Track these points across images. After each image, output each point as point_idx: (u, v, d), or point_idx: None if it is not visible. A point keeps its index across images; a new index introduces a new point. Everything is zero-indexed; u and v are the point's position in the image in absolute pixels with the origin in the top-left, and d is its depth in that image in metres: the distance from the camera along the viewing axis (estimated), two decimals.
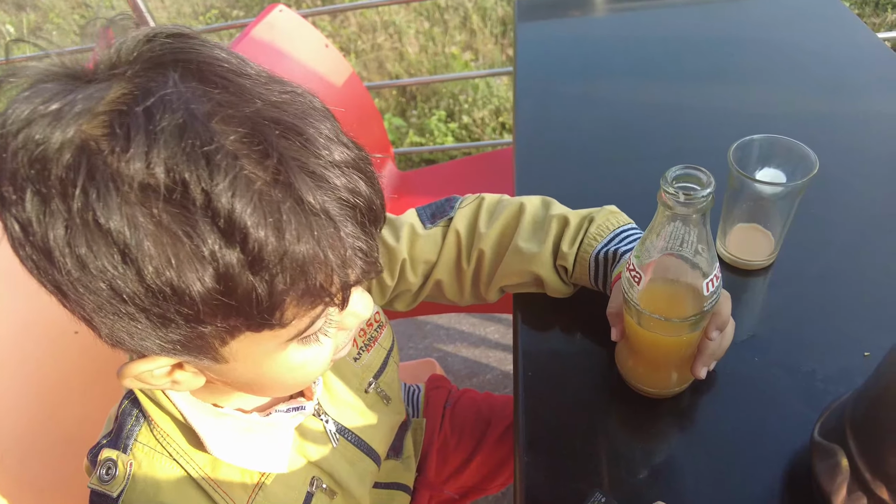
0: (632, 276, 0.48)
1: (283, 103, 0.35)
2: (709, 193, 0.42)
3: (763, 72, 0.98)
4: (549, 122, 0.95)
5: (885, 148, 0.82)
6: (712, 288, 0.46)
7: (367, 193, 0.37)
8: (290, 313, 0.36)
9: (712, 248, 0.46)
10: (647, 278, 0.47)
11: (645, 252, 0.47)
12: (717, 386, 0.58)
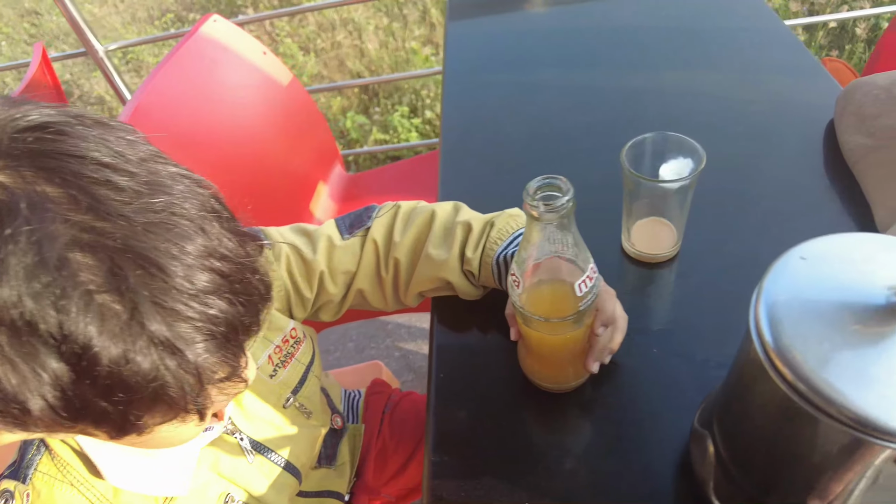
0: (513, 281, 0.50)
1: (151, 226, 0.34)
2: (567, 200, 0.44)
3: (680, 63, 1.01)
4: (476, 121, 0.97)
5: (792, 134, 0.84)
6: (585, 288, 0.49)
7: (229, 315, 0.37)
8: (147, 422, 0.37)
9: (583, 250, 0.48)
10: (525, 282, 0.49)
11: (521, 258, 0.49)
12: (617, 377, 0.61)
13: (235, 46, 1.27)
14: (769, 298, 0.35)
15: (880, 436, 0.30)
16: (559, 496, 0.53)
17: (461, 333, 0.69)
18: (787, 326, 0.34)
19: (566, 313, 0.49)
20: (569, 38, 1.12)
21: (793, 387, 0.33)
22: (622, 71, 1.02)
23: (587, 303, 0.49)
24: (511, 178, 0.86)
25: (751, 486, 0.43)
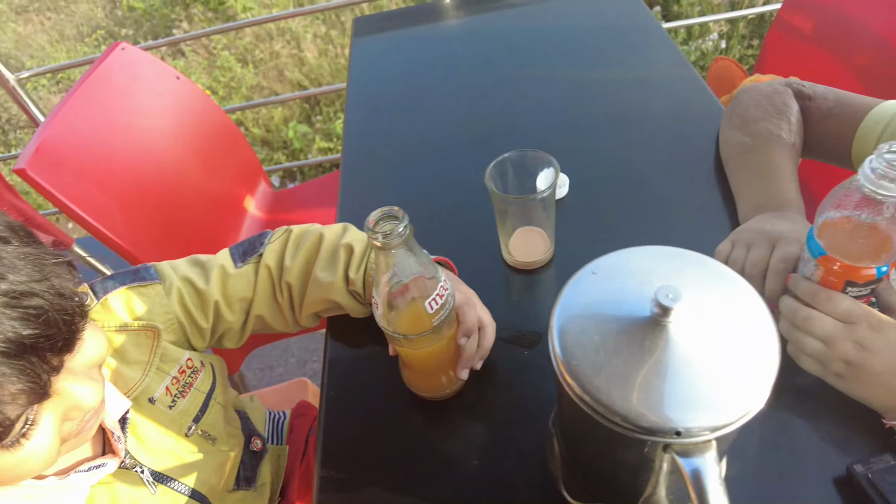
0: (373, 304, 0.54)
1: None
2: (403, 228, 0.47)
3: (566, 72, 1.06)
4: (375, 139, 1.00)
5: (663, 142, 0.90)
6: (436, 305, 0.52)
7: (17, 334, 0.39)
8: None
9: (430, 269, 0.52)
10: (381, 305, 0.53)
11: (375, 283, 0.52)
12: (494, 380, 0.65)
13: (146, 73, 1.27)
14: (562, 312, 0.40)
15: (643, 432, 0.35)
16: (440, 500, 0.57)
17: (352, 350, 0.72)
18: (571, 337, 0.38)
19: (422, 330, 0.53)
20: (465, 55, 1.16)
21: (575, 392, 0.37)
22: (512, 85, 1.06)
23: (441, 318, 0.53)
24: (407, 193, 0.90)
25: (585, 480, 0.47)
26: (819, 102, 0.75)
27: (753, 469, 0.55)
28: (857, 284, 0.54)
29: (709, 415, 0.34)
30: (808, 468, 0.55)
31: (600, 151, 0.89)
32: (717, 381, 0.35)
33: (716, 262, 0.41)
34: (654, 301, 0.35)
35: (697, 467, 0.34)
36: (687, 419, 0.34)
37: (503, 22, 1.23)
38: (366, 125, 1.03)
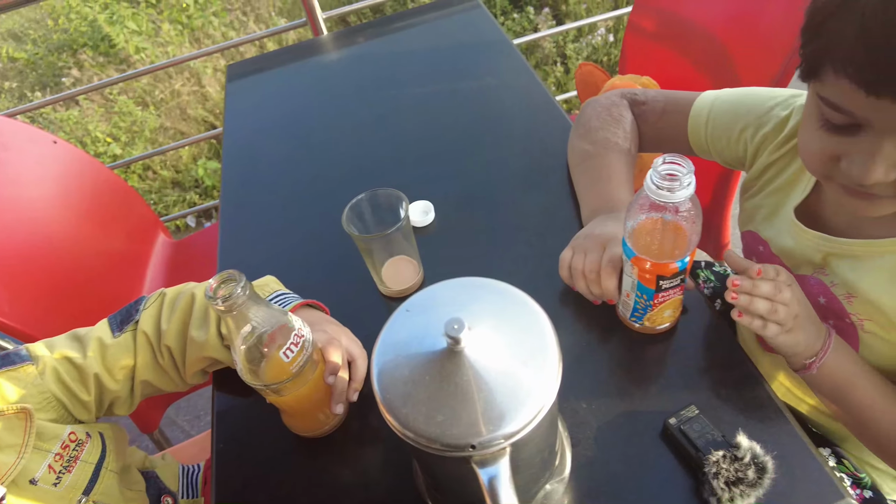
0: (234, 360, 0.57)
1: None
2: (242, 289, 0.51)
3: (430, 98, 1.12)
4: (253, 185, 1.03)
5: (517, 158, 0.97)
6: (292, 354, 0.57)
7: None
8: None
9: (281, 321, 0.56)
10: (241, 362, 0.57)
11: (231, 344, 0.56)
12: (374, 407, 0.69)
13: (17, 143, 1.24)
14: (380, 350, 0.45)
15: (447, 449, 0.40)
16: None
17: (239, 399, 0.75)
18: (387, 373, 0.43)
19: (283, 378, 0.57)
20: (338, 90, 1.20)
21: (390, 422, 0.42)
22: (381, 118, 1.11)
23: (300, 363, 0.57)
24: (285, 237, 0.93)
25: (438, 492, 0.52)
26: (652, 105, 0.84)
27: (595, 435, 0.63)
28: (667, 278, 0.62)
29: (499, 426, 0.40)
30: (637, 428, 0.63)
31: (462, 173, 0.96)
32: (508, 394, 0.41)
33: (508, 287, 0.47)
34: (444, 332, 0.41)
35: (493, 475, 0.39)
36: (480, 433, 0.39)
37: (375, 58, 1.28)
38: (243, 173, 1.05)
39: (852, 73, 0.47)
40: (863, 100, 0.47)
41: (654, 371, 0.69)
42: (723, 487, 0.55)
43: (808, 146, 0.57)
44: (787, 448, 0.59)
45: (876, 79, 0.46)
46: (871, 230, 0.61)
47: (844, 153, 0.52)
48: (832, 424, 0.79)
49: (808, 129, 0.56)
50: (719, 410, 0.63)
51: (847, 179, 0.53)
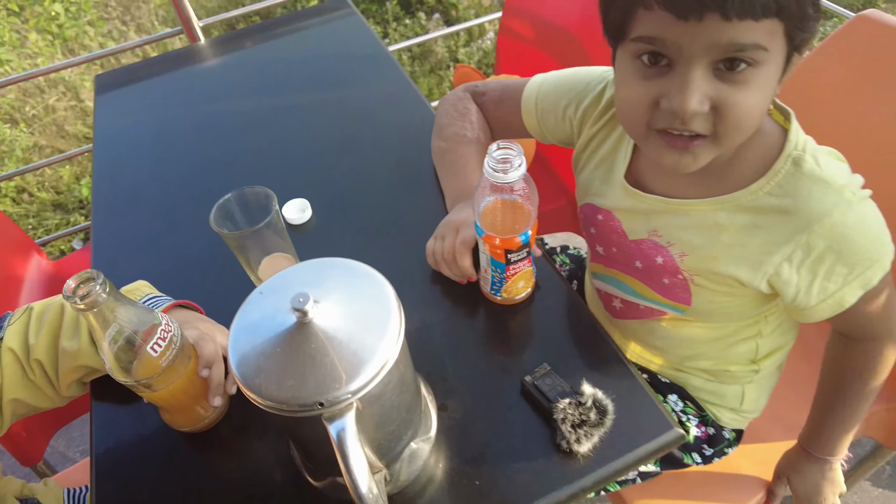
0: (103, 359, 0.58)
1: None
2: (100, 286, 0.53)
3: (308, 103, 1.15)
4: (126, 196, 1.01)
5: (392, 161, 1.02)
6: (160, 349, 0.58)
7: None
8: None
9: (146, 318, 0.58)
10: (109, 360, 0.58)
11: (98, 344, 0.57)
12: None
13: None
14: (236, 327, 0.48)
15: (299, 410, 0.44)
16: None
17: (119, 406, 0.74)
18: (241, 346, 0.46)
19: (154, 372, 0.59)
20: (212, 97, 1.20)
21: (248, 394, 0.45)
22: (260, 122, 1.13)
23: (170, 357, 0.59)
24: (160, 246, 0.93)
25: (308, 460, 0.56)
26: (490, 95, 0.92)
27: (461, 398, 0.69)
28: (514, 251, 0.70)
29: (345, 384, 0.44)
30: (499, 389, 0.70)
31: (339, 172, 1.00)
32: (352, 356, 0.46)
33: (357, 264, 0.52)
34: (291, 307, 0.45)
35: (340, 428, 0.44)
36: (327, 391, 0.44)
37: (251, 63, 1.29)
38: (115, 185, 1.03)
39: (663, 1, 0.52)
40: (674, 25, 0.52)
41: (514, 338, 0.76)
42: (570, 430, 0.62)
43: (628, 100, 0.61)
44: (627, 392, 0.68)
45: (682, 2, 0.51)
46: (689, 191, 0.69)
47: (662, 93, 0.56)
48: (679, 377, 0.89)
49: (625, 86, 0.61)
50: (569, 367, 0.71)
51: (667, 120, 0.57)
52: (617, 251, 0.79)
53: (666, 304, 0.78)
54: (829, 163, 0.64)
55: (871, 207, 0.64)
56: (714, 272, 0.70)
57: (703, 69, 0.54)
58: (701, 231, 0.69)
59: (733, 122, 0.56)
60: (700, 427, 0.90)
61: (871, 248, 0.63)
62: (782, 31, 0.54)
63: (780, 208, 0.63)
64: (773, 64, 0.55)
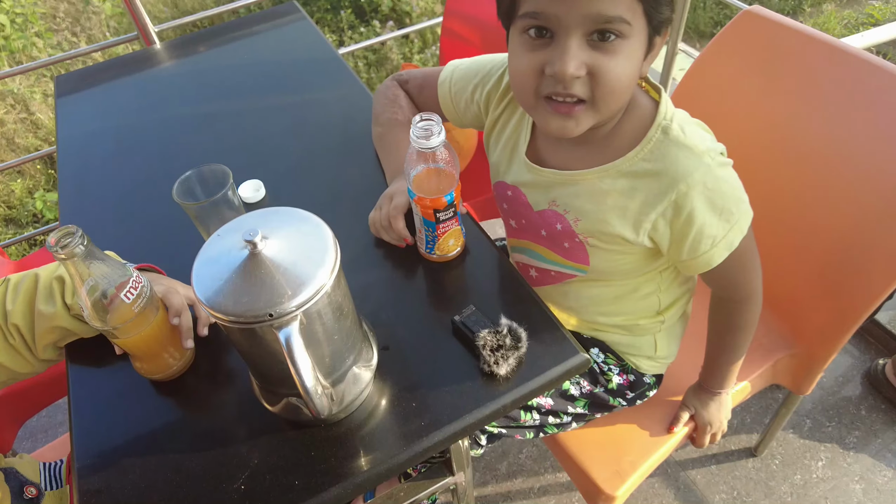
0: (80, 306, 0.67)
1: None
2: (79, 238, 0.62)
3: (264, 101, 1.25)
4: (92, 182, 1.09)
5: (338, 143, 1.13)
6: (133, 295, 0.67)
7: None
8: None
9: (118, 269, 0.67)
10: (87, 307, 0.66)
11: (76, 292, 0.66)
12: (218, 345, 0.81)
13: None
14: (198, 261, 0.58)
15: (253, 321, 0.54)
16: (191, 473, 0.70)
17: (93, 370, 0.82)
18: (202, 277, 0.56)
19: (127, 318, 0.68)
20: (172, 97, 1.29)
21: (210, 313, 0.55)
22: (219, 119, 1.22)
23: (141, 304, 0.68)
24: (123, 236, 1.01)
25: (266, 385, 0.66)
26: (413, 82, 1.03)
27: (401, 339, 0.79)
28: (441, 210, 0.81)
29: (290, 299, 0.55)
30: (433, 329, 0.80)
31: (289, 155, 1.11)
32: (296, 278, 0.56)
33: (300, 211, 0.62)
34: (243, 240, 0.55)
35: (288, 334, 0.54)
36: (275, 304, 0.54)
37: (207, 63, 1.38)
38: (80, 177, 1.11)
39: None
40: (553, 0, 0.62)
41: (447, 288, 0.87)
42: (489, 354, 0.74)
43: (519, 69, 0.69)
44: (541, 325, 0.80)
45: None
46: (579, 163, 0.80)
47: (546, 61, 0.66)
48: (598, 334, 1.02)
49: (515, 58, 0.70)
50: (492, 308, 0.82)
51: (552, 85, 0.66)
52: (526, 223, 0.91)
53: (570, 266, 0.91)
54: (693, 132, 0.75)
55: (730, 172, 0.76)
56: (604, 233, 0.81)
57: (578, 39, 0.64)
58: (590, 197, 0.80)
59: (607, 86, 0.66)
60: (621, 375, 1.03)
61: (728, 206, 0.74)
62: (641, 10, 0.65)
63: (653, 172, 0.74)
64: (637, 39, 0.67)
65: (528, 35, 0.67)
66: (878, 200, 0.99)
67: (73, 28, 4.27)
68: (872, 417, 1.67)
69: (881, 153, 1.00)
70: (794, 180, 1.12)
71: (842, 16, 4.30)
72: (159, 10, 4.32)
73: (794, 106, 1.12)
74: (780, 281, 1.19)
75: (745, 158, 1.17)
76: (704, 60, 1.25)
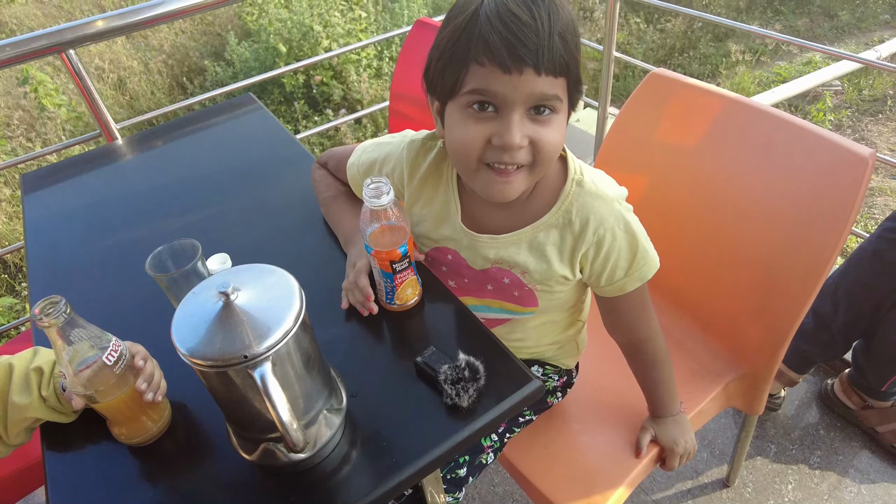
0: (60, 377, 0.71)
1: None
2: (63, 306, 0.67)
3: (226, 186, 1.34)
4: (62, 281, 1.13)
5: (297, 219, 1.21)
6: (113, 358, 0.72)
7: None
8: None
9: (99, 334, 0.71)
10: (69, 374, 0.70)
11: (58, 359, 0.70)
12: (192, 414, 0.85)
13: None
14: (177, 316, 0.63)
15: (228, 364, 0.60)
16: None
17: (74, 446, 0.84)
18: (181, 329, 0.62)
19: (108, 381, 0.72)
20: (140, 188, 1.36)
21: (187, 359, 0.60)
22: (188, 204, 1.29)
23: (121, 367, 0.72)
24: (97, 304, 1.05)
25: (243, 432, 0.70)
26: (331, 164, 1.13)
27: (369, 383, 0.84)
28: (397, 261, 0.89)
29: (261, 342, 0.61)
30: (398, 373, 0.86)
31: (254, 231, 1.18)
32: (265, 323, 0.62)
33: (268, 266, 0.69)
34: (217, 292, 0.61)
35: (262, 373, 0.60)
36: (248, 347, 0.60)
37: (170, 153, 1.47)
38: (52, 271, 1.15)
39: (493, 59, 0.68)
40: (500, 78, 0.69)
41: (408, 334, 0.94)
42: (451, 387, 0.79)
43: (465, 139, 0.76)
44: (496, 358, 0.86)
45: (507, 58, 0.68)
46: (512, 225, 0.90)
47: (493, 133, 0.73)
48: (535, 353, 1.11)
49: (461, 129, 0.76)
50: (451, 347, 0.88)
51: (497, 155, 0.74)
52: (469, 281, 1.00)
53: (520, 312, 1.01)
54: (601, 181, 0.89)
55: (634, 216, 0.89)
56: (548, 277, 0.92)
57: (521, 113, 0.74)
58: (531, 252, 0.91)
59: (545, 153, 0.78)
60: (559, 379, 1.15)
61: (637, 241, 0.88)
62: (567, 88, 0.77)
63: (575, 220, 0.87)
64: (564, 112, 0.79)
65: (471, 109, 0.76)
66: (786, 228, 1.13)
67: (28, 134, 4.34)
68: (831, 436, 1.75)
69: (781, 186, 1.14)
70: (714, 215, 1.25)
71: (754, 76, 4.76)
72: (115, 111, 4.46)
73: (703, 150, 1.27)
74: (719, 308, 1.30)
75: (670, 200, 1.32)
76: (624, 117, 1.41)
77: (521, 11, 0.69)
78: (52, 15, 6.45)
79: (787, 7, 5.59)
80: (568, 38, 0.72)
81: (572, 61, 0.74)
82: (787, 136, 1.14)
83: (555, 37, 0.70)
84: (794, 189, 1.12)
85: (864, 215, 2.98)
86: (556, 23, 0.70)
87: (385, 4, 5.01)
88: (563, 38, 0.71)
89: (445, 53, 0.75)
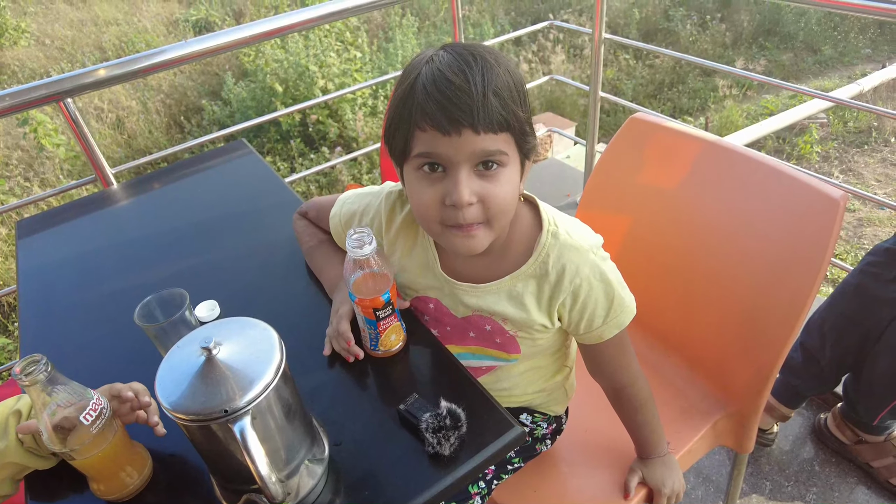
0: (40, 430, 0.72)
1: None
2: (44, 365, 0.68)
3: (210, 229, 1.36)
4: (54, 328, 1.14)
5: (287, 264, 1.23)
6: (91, 418, 0.72)
7: None
8: None
9: (79, 393, 0.72)
10: (47, 431, 0.71)
11: (38, 417, 0.71)
12: (171, 469, 0.85)
13: None
14: (161, 370, 0.65)
15: (210, 418, 0.61)
16: None
17: (57, 496, 0.84)
18: (164, 383, 0.63)
19: (86, 439, 0.72)
20: (132, 236, 1.38)
21: (169, 413, 0.62)
22: (169, 251, 1.30)
23: (99, 425, 0.73)
24: (92, 372, 1.06)
25: (225, 482, 0.70)
26: (311, 213, 1.15)
27: (352, 431, 0.85)
28: (380, 309, 0.90)
29: (242, 395, 0.62)
30: (381, 421, 0.87)
31: (242, 278, 1.20)
32: (246, 377, 0.63)
33: (250, 319, 0.71)
34: (199, 347, 0.63)
35: (242, 427, 0.61)
36: (229, 401, 0.61)
37: (163, 199, 1.50)
38: (44, 316, 1.16)
39: (432, 123, 0.72)
40: (442, 140, 0.72)
41: (392, 381, 0.95)
42: (432, 436, 0.80)
43: (422, 202, 0.79)
44: (479, 405, 0.87)
45: (444, 121, 0.71)
46: (490, 275, 0.92)
47: (445, 193, 0.76)
48: (523, 401, 1.11)
49: (417, 193, 0.79)
50: (433, 394, 0.89)
51: (451, 215, 0.77)
52: (451, 329, 1.01)
53: (504, 358, 1.02)
54: (577, 232, 0.91)
55: (610, 263, 0.92)
56: (528, 325, 0.94)
57: (467, 171, 0.77)
58: (510, 301, 0.93)
59: (496, 207, 0.80)
60: (548, 427, 1.15)
61: (613, 291, 0.90)
62: (514, 142, 0.80)
63: (552, 271, 0.89)
64: (513, 165, 0.81)
65: (423, 171, 0.79)
66: (765, 268, 1.15)
67: (27, 174, 4.40)
68: (826, 472, 1.74)
69: (758, 228, 1.17)
70: (697, 255, 1.27)
71: (742, 109, 4.86)
72: (112, 150, 4.52)
73: (684, 192, 1.30)
74: (705, 347, 1.32)
75: (653, 240, 1.34)
76: (606, 160, 1.45)
77: (454, 76, 0.72)
78: (53, 57, 6.59)
79: (772, 43, 5.75)
80: (504, 95, 0.75)
81: (512, 116, 0.76)
82: (763, 178, 1.18)
83: (489, 96, 0.73)
84: (771, 230, 1.15)
85: (855, 245, 3.01)
86: (489, 83, 0.73)
87: (380, 45, 5.15)
88: (498, 96, 0.74)
89: (394, 121, 0.79)
